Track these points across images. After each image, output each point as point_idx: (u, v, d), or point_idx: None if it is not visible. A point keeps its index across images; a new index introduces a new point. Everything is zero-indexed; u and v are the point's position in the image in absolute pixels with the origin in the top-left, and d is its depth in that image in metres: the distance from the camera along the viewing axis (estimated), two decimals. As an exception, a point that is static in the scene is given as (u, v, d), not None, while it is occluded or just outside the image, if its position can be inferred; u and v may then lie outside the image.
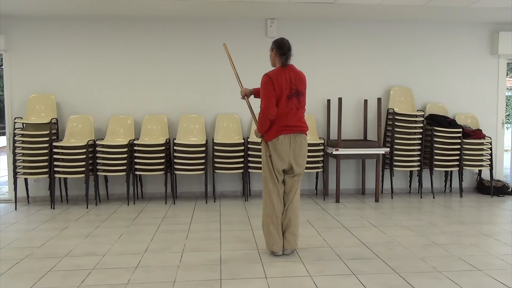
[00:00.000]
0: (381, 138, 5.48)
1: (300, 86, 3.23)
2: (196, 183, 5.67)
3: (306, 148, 3.29)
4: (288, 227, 3.25)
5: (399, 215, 4.63)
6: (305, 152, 3.27)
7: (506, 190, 5.74)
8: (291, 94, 3.17)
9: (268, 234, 3.26)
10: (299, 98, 3.23)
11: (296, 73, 3.25)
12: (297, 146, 3.20)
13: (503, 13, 5.32)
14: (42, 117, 5.27)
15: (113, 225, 4.27)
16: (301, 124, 3.25)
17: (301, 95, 3.24)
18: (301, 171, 3.30)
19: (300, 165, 3.26)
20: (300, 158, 3.24)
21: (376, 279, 2.83)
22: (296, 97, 3.20)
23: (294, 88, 3.19)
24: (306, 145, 3.29)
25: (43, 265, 3.13)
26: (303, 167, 3.31)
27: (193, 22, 5.61)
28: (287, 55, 3.22)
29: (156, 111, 5.60)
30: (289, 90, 3.17)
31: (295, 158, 3.21)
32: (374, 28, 5.82)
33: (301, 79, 3.26)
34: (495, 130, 6.02)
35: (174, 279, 2.85)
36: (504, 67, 6.03)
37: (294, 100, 3.19)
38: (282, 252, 3.28)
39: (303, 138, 3.25)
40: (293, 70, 3.25)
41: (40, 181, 5.45)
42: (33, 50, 5.45)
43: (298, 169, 3.26)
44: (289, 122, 3.18)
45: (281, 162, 3.20)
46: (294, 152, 3.20)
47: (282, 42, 3.24)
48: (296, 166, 3.23)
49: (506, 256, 3.29)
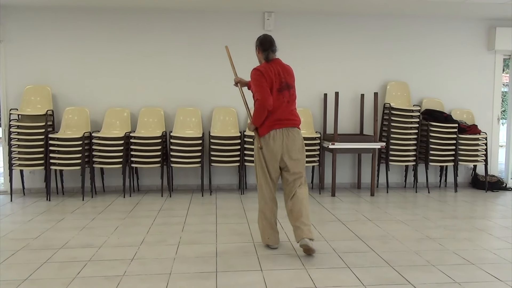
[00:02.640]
0: (377, 132, 5.50)
1: (289, 79, 3.22)
2: (192, 176, 5.67)
3: (300, 142, 3.23)
4: (298, 218, 3.09)
5: (394, 209, 4.65)
6: (299, 146, 3.21)
7: (500, 185, 5.79)
8: (281, 87, 3.16)
9: (263, 228, 3.30)
10: (290, 91, 3.20)
11: (283, 66, 3.24)
12: (290, 141, 3.17)
13: (500, 8, 5.33)
14: (38, 109, 5.25)
15: (109, 217, 4.28)
16: (293, 118, 3.22)
17: (291, 88, 3.22)
18: (297, 169, 3.21)
19: (294, 160, 3.19)
20: (294, 152, 3.19)
21: (371, 272, 2.86)
22: (286, 90, 3.18)
23: (284, 81, 3.18)
24: (300, 139, 3.24)
25: (39, 256, 3.13)
26: (300, 162, 3.22)
27: (190, 14, 5.58)
28: (269, 51, 3.22)
29: (153, 104, 5.58)
30: (279, 84, 3.15)
31: (289, 153, 3.17)
32: (372, 23, 5.81)
33: (289, 72, 3.25)
34: (490, 126, 6.05)
35: (169, 271, 2.86)
36: (500, 63, 6.04)
37: (285, 93, 3.17)
38: (277, 246, 3.30)
39: (296, 132, 3.21)
40: (279, 64, 3.25)
41: (35, 173, 5.44)
42: (29, 41, 5.41)
43: (293, 164, 3.18)
44: (282, 115, 3.16)
45: (274, 159, 3.17)
46: (287, 146, 3.16)
47: (263, 39, 3.26)
48: (290, 161, 3.17)
49: (499, 250, 3.32)
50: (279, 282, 2.68)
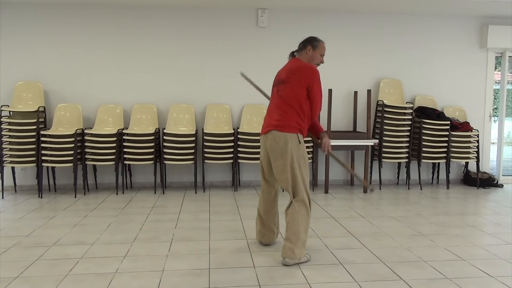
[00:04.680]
0: (370, 129, 5.52)
1: (283, 75, 2.99)
2: (186, 173, 5.66)
3: (277, 149, 2.91)
4: (286, 231, 2.94)
5: (387, 206, 4.68)
6: (276, 155, 2.91)
7: (492, 182, 5.84)
8: (273, 85, 3.10)
9: (256, 224, 3.33)
10: (279, 86, 2.99)
11: (292, 64, 3.03)
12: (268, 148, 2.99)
13: (492, 6, 5.36)
14: (30, 105, 5.21)
15: (101, 214, 4.26)
16: (270, 121, 2.97)
17: (281, 83, 2.97)
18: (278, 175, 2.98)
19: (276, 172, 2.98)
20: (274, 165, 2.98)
21: (363, 268, 2.87)
22: (276, 87, 3.04)
23: (278, 78, 3.06)
24: (277, 144, 2.90)
25: (31, 254, 3.11)
26: (278, 168, 2.95)
27: (184, 11, 5.55)
28: (293, 52, 3.15)
29: (146, 101, 5.56)
30: (274, 82, 3.10)
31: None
32: (365, 20, 5.82)
33: (290, 69, 2.97)
34: (482, 123, 6.09)
35: (162, 268, 2.86)
36: (492, 60, 6.08)
37: (274, 89, 3.06)
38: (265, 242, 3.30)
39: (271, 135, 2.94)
40: (292, 62, 3.06)
41: (27, 170, 5.40)
42: (20, 37, 5.35)
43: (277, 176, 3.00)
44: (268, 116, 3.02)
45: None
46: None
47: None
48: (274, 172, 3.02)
49: (490, 246, 3.35)
50: (272, 279, 2.69)
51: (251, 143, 5.26)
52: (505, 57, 6.12)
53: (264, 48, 5.68)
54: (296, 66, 2.98)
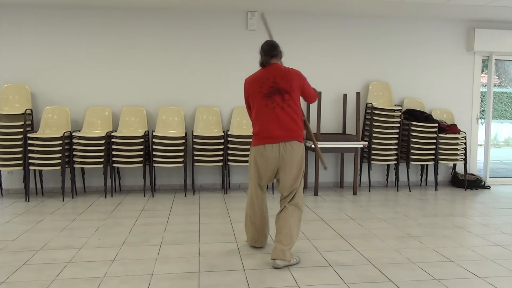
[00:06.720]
0: (360, 132, 5.55)
1: (282, 84, 3.02)
2: (175, 176, 5.63)
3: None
4: (277, 233, 3.00)
5: (376, 208, 4.71)
6: (292, 164, 3.03)
7: (479, 183, 5.91)
8: (270, 92, 3.02)
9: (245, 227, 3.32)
10: (283, 96, 3.01)
11: (278, 69, 3.09)
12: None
13: (479, 10, 5.44)
14: (16, 108, 5.14)
15: (90, 218, 4.21)
16: (282, 131, 3.04)
17: (286, 92, 3.00)
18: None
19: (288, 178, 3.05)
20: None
21: (352, 270, 2.88)
22: (278, 95, 3.01)
23: (275, 86, 3.02)
24: (297, 154, 3.04)
25: (17, 258, 3.07)
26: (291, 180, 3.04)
27: (173, 13, 5.54)
28: (265, 57, 3.14)
29: (135, 103, 5.52)
30: (267, 89, 3.02)
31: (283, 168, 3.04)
32: (354, 23, 5.86)
33: (285, 76, 3.04)
34: (469, 125, 6.17)
35: (151, 272, 2.83)
36: (479, 63, 6.17)
37: (276, 98, 3.00)
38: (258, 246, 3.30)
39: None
40: (276, 68, 3.09)
41: (14, 173, 5.32)
42: (6, 38, 5.28)
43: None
44: (265, 125, 3.06)
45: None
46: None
47: (263, 44, 3.19)
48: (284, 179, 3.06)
49: (477, 247, 3.39)
50: (262, 281, 2.69)
51: (241, 146, 5.25)
52: (492, 60, 6.20)
53: (254, 51, 5.65)
54: (286, 72, 3.07)
